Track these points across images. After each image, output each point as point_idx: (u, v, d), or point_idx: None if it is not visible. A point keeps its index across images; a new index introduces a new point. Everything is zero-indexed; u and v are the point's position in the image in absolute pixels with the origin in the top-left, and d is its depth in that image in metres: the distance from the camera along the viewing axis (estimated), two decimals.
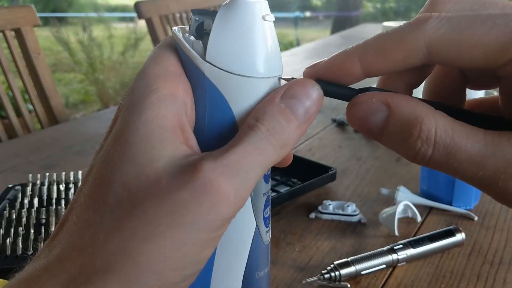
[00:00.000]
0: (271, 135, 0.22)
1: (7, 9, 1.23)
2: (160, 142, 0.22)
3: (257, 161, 0.22)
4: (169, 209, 0.20)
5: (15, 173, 0.78)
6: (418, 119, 0.21)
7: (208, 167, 0.21)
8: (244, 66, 0.23)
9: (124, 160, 0.22)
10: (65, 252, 0.21)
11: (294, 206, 0.65)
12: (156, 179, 0.21)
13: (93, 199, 0.22)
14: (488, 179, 0.21)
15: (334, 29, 6.41)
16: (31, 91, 1.22)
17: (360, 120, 0.23)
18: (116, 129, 0.23)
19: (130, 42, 4.64)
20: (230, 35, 0.23)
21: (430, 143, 0.21)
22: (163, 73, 0.23)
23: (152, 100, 0.22)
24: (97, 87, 4.18)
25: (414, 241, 0.52)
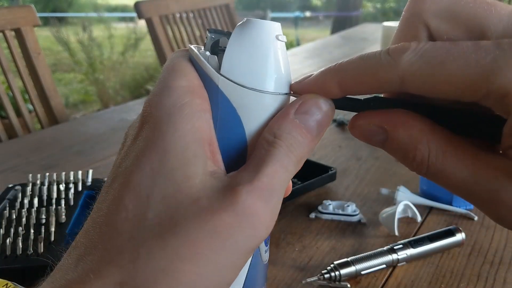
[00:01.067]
0: (291, 151, 0.23)
1: (7, 9, 1.23)
2: (194, 157, 0.22)
3: (283, 179, 0.23)
4: (212, 231, 0.20)
5: (15, 173, 0.78)
6: (414, 145, 0.23)
7: (246, 191, 0.21)
8: (256, 80, 0.24)
9: (162, 174, 0.21)
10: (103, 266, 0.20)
11: (294, 206, 0.65)
12: (194, 198, 0.21)
13: (127, 211, 0.21)
14: (475, 201, 0.22)
15: (334, 29, 6.41)
16: (31, 91, 1.22)
17: (363, 139, 0.25)
18: (148, 139, 0.23)
19: (130, 42, 4.64)
20: (245, 51, 0.25)
21: (424, 166, 0.22)
22: (191, 87, 0.24)
23: (186, 113, 0.23)
24: (97, 87, 4.18)
25: (414, 241, 0.52)
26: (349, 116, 1.01)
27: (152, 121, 0.23)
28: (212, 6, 1.82)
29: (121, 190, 0.22)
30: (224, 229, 0.21)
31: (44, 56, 1.25)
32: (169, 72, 0.25)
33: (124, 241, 0.21)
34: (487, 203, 0.21)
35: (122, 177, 0.22)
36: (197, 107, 0.23)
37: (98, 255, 0.21)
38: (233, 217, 0.21)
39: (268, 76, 0.25)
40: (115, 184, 0.23)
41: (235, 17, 1.92)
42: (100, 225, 0.22)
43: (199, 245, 0.20)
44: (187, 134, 0.22)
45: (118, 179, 0.23)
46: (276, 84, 0.25)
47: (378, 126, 0.24)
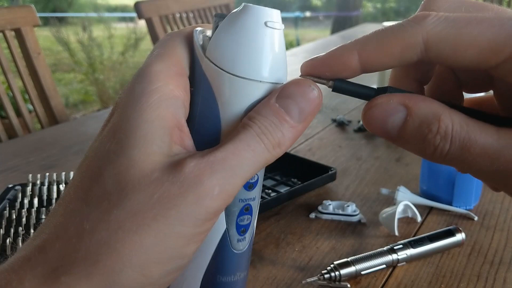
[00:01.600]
0: (263, 133, 0.23)
1: (7, 9, 1.23)
2: (155, 139, 0.22)
3: (246, 157, 0.22)
4: (156, 202, 0.20)
5: (15, 173, 0.78)
6: (437, 116, 0.22)
7: (194, 163, 0.21)
8: (235, 65, 0.24)
9: (118, 153, 0.22)
10: (48, 242, 0.21)
11: (294, 206, 0.65)
12: (148, 172, 0.21)
13: (82, 189, 0.22)
14: (502, 172, 0.21)
15: (334, 29, 6.41)
16: (31, 91, 1.22)
17: (378, 122, 0.23)
18: (114, 124, 0.23)
19: (130, 42, 4.64)
20: (229, 35, 0.24)
21: (448, 138, 0.22)
22: (165, 72, 0.23)
23: (153, 99, 0.22)
24: (97, 87, 4.18)
25: (414, 241, 0.52)
26: (349, 116, 1.01)
27: (120, 107, 0.23)
28: (212, 6, 1.82)
29: (81, 173, 0.23)
30: (168, 199, 0.21)
31: (44, 56, 1.25)
32: (151, 56, 0.25)
33: (72, 217, 0.21)
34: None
35: (86, 160, 0.23)
36: (167, 93, 0.23)
37: (48, 232, 0.22)
38: (176, 187, 0.21)
39: (248, 61, 0.24)
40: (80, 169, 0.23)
41: None
42: (59, 205, 0.23)
43: (142, 216, 0.20)
44: (152, 119, 0.22)
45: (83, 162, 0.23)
46: (257, 71, 0.24)
47: (399, 103, 0.23)
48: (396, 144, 0.24)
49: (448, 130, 0.22)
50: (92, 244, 0.20)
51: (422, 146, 0.23)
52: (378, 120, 0.23)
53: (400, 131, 0.23)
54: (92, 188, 0.22)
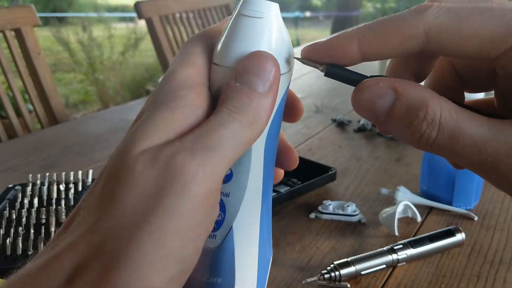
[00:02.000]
0: (234, 112, 0.22)
1: (7, 9, 1.23)
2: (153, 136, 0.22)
3: (223, 135, 0.22)
4: (142, 201, 0.20)
5: (15, 173, 0.78)
6: (425, 102, 0.22)
7: (170, 147, 0.21)
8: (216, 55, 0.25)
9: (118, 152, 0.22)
10: (64, 251, 0.21)
11: (294, 206, 0.65)
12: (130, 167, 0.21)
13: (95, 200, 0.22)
14: (489, 163, 0.21)
15: (334, 29, 6.41)
16: (31, 91, 1.22)
17: (366, 104, 0.23)
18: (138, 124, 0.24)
19: (130, 42, 4.64)
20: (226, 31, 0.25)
21: (435, 125, 0.21)
22: (188, 82, 0.24)
23: (171, 106, 0.23)
24: (97, 87, 4.18)
25: (414, 241, 0.52)
26: (349, 116, 1.01)
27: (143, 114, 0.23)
28: (212, 6, 1.82)
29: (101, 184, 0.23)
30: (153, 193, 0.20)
31: (44, 56, 1.25)
32: (175, 61, 0.25)
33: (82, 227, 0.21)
34: (503, 159, 0.20)
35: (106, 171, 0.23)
36: (190, 101, 0.23)
37: (66, 241, 0.21)
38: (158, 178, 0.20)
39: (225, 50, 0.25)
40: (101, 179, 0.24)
41: None
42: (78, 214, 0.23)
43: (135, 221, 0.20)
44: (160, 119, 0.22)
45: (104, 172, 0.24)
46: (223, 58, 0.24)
47: (388, 87, 0.23)
48: (383, 129, 0.24)
49: (436, 117, 0.21)
50: (101, 256, 0.20)
51: (408, 131, 0.22)
52: (366, 103, 0.23)
53: (388, 115, 0.23)
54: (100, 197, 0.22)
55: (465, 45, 0.21)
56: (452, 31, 0.21)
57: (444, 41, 0.22)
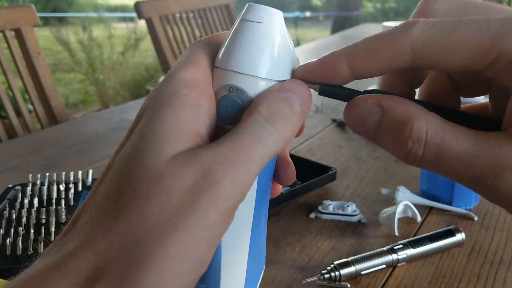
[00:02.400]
0: (272, 121, 0.22)
1: (7, 9, 1.23)
2: (172, 140, 0.22)
3: (257, 151, 0.22)
4: (174, 210, 0.20)
5: (15, 173, 0.78)
6: (410, 120, 0.22)
7: (204, 158, 0.21)
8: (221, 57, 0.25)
9: (135, 157, 0.22)
10: (79, 251, 0.21)
11: (294, 206, 0.65)
12: (159, 176, 0.21)
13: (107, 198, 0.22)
14: (477, 178, 0.21)
15: (334, 29, 6.41)
16: (31, 91, 1.22)
17: (357, 121, 0.24)
18: (136, 130, 0.23)
19: (130, 42, 4.64)
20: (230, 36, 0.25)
21: (421, 143, 0.22)
22: (191, 80, 0.24)
23: (176, 105, 0.22)
24: (97, 87, 4.18)
25: (414, 241, 0.52)
26: None
27: (146, 112, 0.23)
28: (212, 6, 1.82)
29: (104, 176, 0.23)
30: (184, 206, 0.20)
31: (44, 56, 1.25)
32: (179, 61, 0.25)
33: (99, 227, 0.21)
34: (489, 174, 0.21)
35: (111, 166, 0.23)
36: (191, 100, 0.23)
37: (78, 240, 0.21)
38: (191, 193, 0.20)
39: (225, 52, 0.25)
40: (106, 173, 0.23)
41: (235, 17, 1.92)
42: (85, 212, 0.22)
43: (165, 227, 0.20)
44: (172, 123, 0.22)
45: (109, 168, 0.23)
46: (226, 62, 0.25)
47: (375, 104, 0.23)
48: (375, 143, 0.24)
49: (421, 135, 0.22)
50: (122, 258, 0.20)
51: (396, 147, 0.23)
52: (356, 120, 0.24)
53: (376, 131, 0.23)
54: (114, 196, 0.21)
55: (452, 59, 0.21)
56: (438, 45, 0.21)
57: (431, 55, 0.22)
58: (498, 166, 0.20)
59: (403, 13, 8.38)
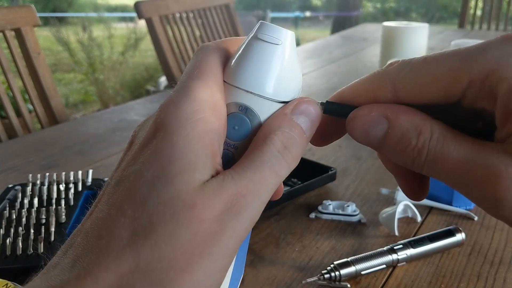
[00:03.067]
0: (285, 148, 0.24)
1: (7, 9, 1.23)
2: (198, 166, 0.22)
3: (272, 183, 0.23)
4: (201, 239, 0.21)
5: (15, 173, 0.78)
6: (417, 129, 0.23)
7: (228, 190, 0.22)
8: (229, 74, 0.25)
9: (162, 180, 0.21)
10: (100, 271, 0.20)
11: (294, 206, 0.65)
12: (191, 204, 0.21)
13: (126, 216, 0.21)
14: (471, 186, 0.22)
15: (334, 29, 6.41)
16: (31, 91, 1.22)
17: (360, 133, 0.25)
18: (158, 148, 0.22)
19: (130, 42, 4.64)
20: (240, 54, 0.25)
21: (425, 150, 0.23)
22: (210, 101, 0.24)
23: (199, 129, 0.23)
24: (97, 87, 4.18)
25: (414, 241, 0.52)
26: None
27: (164, 130, 0.23)
28: (212, 6, 1.82)
29: (123, 195, 0.22)
30: (211, 236, 0.21)
31: (44, 56, 1.25)
32: (191, 75, 0.25)
33: (121, 247, 0.21)
34: (485, 181, 0.21)
35: (127, 182, 0.22)
36: (212, 124, 0.23)
37: (96, 259, 0.21)
38: (218, 224, 0.21)
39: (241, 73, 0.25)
40: (119, 189, 0.22)
41: (235, 17, 1.92)
42: (99, 227, 0.22)
43: (191, 254, 0.21)
44: (197, 149, 0.22)
45: (123, 183, 0.22)
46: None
47: (380, 115, 0.24)
48: (380, 152, 0.25)
49: (425, 144, 0.23)
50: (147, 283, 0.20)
51: (402, 156, 0.24)
52: (360, 131, 0.25)
53: (382, 142, 0.24)
54: (137, 215, 0.21)
55: (428, 90, 0.23)
56: (413, 80, 0.23)
57: (409, 91, 0.23)
58: (492, 174, 0.21)
59: (403, 13, 8.38)
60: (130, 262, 0.20)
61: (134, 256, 0.20)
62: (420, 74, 0.23)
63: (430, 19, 7.70)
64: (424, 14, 8.42)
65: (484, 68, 0.21)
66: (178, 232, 0.21)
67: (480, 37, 1.46)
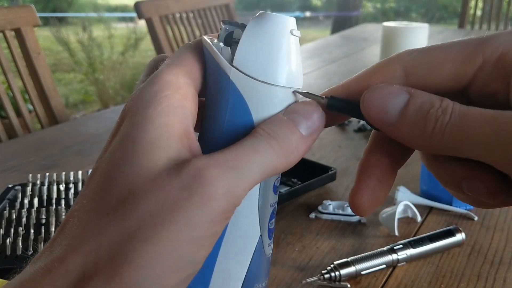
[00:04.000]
0: (272, 138, 0.23)
1: (7, 9, 1.23)
2: (166, 146, 0.22)
3: (254, 161, 0.22)
4: (164, 208, 0.20)
5: (15, 173, 0.78)
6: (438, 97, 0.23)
7: (199, 164, 0.21)
8: (268, 74, 0.25)
9: (127, 161, 0.22)
10: (68, 255, 0.21)
11: (294, 206, 0.65)
12: (154, 177, 0.21)
13: (95, 201, 0.22)
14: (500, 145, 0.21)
15: (334, 29, 6.41)
16: (31, 91, 1.22)
17: (378, 103, 0.24)
18: (123, 132, 0.23)
19: (130, 42, 4.63)
20: (258, 44, 0.25)
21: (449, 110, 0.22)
22: (174, 81, 0.24)
23: (162, 106, 0.23)
24: (97, 87, 4.18)
25: (414, 241, 0.52)
26: None
27: (130, 114, 0.23)
28: (212, 6, 1.82)
29: (94, 184, 0.23)
30: (175, 203, 0.21)
31: (44, 56, 1.25)
32: (164, 64, 0.25)
33: (87, 229, 0.21)
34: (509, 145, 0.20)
35: (98, 170, 0.23)
36: (175, 101, 0.23)
37: (66, 244, 0.21)
38: (182, 190, 0.21)
39: (280, 69, 0.25)
40: (92, 179, 0.23)
41: (235, 17, 1.92)
42: (73, 217, 0.22)
43: (152, 224, 0.20)
44: (160, 126, 0.22)
45: (95, 173, 0.23)
46: (287, 78, 0.25)
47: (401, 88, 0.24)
48: (389, 132, 0.24)
49: (449, 104, 0.22)
50: (110, 257, 0.20)
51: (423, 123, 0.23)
52: (378, 101, 0.24)
53: (401, 111, 0.23)
54: (104, 198, 0.22)
55: (439, 71, 0.23)
56: (425, 63, 0.24)
57: (419, 74, 0.24)
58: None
59: (403, 13, 8.38)
60: (95, 240, 0.21)
61: (98, 234, 0.21)
62: (434, 54, 0.23)
63: (430, 19, 7.70)
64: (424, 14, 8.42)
65: (497, 49, 0.22)
66: (143, 203, 0.21)
67: None
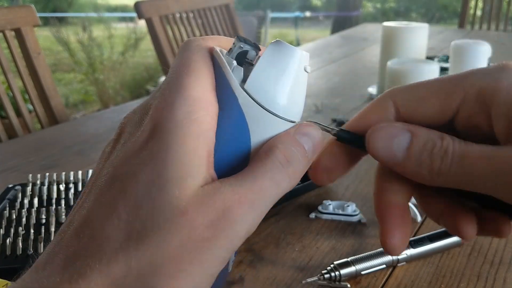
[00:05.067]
0: (289, 164, 0.24)
1: (7, 9, 1.23)
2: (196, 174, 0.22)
3: (271, 195, 0.23)
4: (191, 245, 0.21)
5: (15, 173, 0.78)
6: (439, 135, 0.25)
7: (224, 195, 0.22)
8: (278, 105, 0.25)
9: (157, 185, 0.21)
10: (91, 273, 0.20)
11: (294, 206, 0.65)
12: (183, 211, 0.21)
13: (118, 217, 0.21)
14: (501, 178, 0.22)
15: (334, 29, 6.41)
16: (31, 91, 1.22)
17: (383, 143, 0.26)
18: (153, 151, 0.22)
19: (130, 42, 4.64)
20: (273, 74, 0.25)
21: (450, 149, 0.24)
22: (204, 100, 0.24)
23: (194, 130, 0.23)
24: (97, 87, 4.18)
25: (414, 241, 0.52)
26: (349, 116, 1.02)
27: (160, 131, 0.23)
28: (212, 6, 1.82)
29: (116, 196, 0.22)
30: (202, 243, 0.21)
31: (44, 56, 1.25)
32: (181, 72, 0.24)
33: (114, 250, 0.21)
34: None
35: (120, 183, 0.22)
36: (205, 125, 0.23)
37: (88, 262, 0.21)
38: (211, 230, 0.21)
39: (289, 103, 0.25)
40: (112, 188, 0.22)
41: (235, 17, 1.92)
42: (92, 228, 0.21)
43: (180, 260, 0.21)
44: (190, 152, 0.22)
45: (116, 183, 0.22)
46: (294, 112, 0.26)
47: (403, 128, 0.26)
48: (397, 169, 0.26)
49: (450, 143, 0.24)
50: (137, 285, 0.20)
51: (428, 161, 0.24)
52: (383, 141, 0.26)
53: (405, 153, 0.25)
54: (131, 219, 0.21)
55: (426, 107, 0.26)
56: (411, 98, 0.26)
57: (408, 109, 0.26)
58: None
59: (403, 13, 8.38)
60: (122, 266, 0.20)
61: (126, 260, 0.20)
62: (420, 90, 0.26)
63: (430, 19, 7.70)
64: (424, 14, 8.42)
65: (475, 84, 0.24)
66: (169, 238, 0.21)
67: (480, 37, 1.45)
